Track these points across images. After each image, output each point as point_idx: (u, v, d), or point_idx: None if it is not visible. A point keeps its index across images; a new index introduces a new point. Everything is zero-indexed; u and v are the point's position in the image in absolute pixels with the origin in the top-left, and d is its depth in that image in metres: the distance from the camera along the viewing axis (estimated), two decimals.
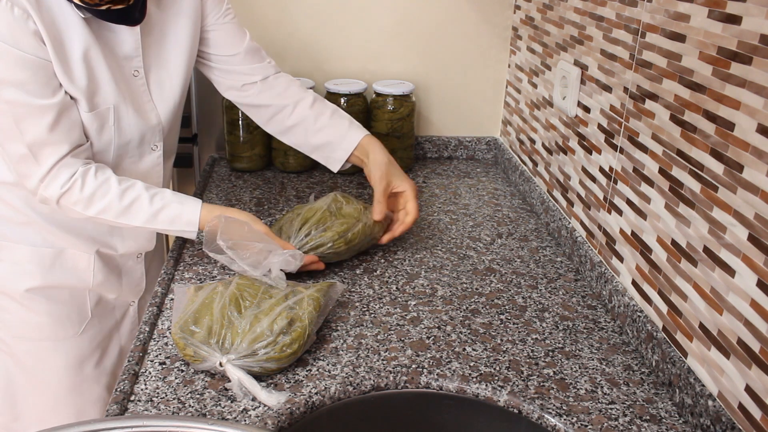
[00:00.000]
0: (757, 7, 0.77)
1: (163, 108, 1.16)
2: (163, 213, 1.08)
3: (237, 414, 0.86)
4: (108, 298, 1.27)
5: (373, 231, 1.23)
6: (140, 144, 1.15)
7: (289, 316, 0.94)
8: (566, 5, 1.35)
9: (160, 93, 1.15)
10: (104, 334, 1.28)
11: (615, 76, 1.13)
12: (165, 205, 1.08)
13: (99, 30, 1.04)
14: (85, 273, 1.21)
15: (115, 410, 0.85)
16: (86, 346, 1.25)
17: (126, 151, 1.13)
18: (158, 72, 1.14)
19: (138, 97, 1.12)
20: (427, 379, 0.95)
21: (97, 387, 1.28)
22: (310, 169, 1.72)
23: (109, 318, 1.29)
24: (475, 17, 1.70)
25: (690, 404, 0.87)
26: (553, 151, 1.43)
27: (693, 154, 0.90)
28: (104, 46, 1.05)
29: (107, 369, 1.30)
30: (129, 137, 1.12)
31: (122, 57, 1.08)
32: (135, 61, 1.10)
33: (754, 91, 0.77)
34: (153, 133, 1.16)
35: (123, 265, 1.27)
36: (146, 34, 1.10)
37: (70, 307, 1.22)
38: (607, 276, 1.13)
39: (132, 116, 1.10)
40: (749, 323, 0.78)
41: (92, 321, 1.25)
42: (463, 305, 1.12)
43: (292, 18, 1.67)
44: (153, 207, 1.07)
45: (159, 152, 1.18)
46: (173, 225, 1.09)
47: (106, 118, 1.07)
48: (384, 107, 1.63)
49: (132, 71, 1.10)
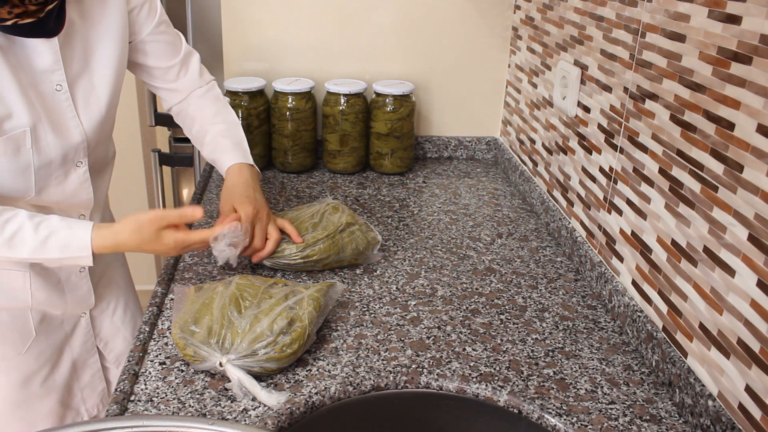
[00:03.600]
0: (757, 7, 0.77)
1: (90, 122, 1.07)
2: (52, 240, 0.99)
3: (237, 414, 0.86)
4: (53, 315, 1.19)
5: (345, 250, 1.20)
6: (63, 163, 1.06)
7: (289, 316, 0.94)
8: (566, 5, 1.35)
9: (86, 107, 1.07)
10: (52, 349, 1.20)
11: (615, 76, 1.13)
12: (52, 232, 0.99)
13: (9, 46, 0.96)
14: (21, 293, 1.12)
15: (115, 410, 0.85)
16: (32, 363, 1.18)
17: (49, 172, 1.05)
18: (84, 84, 1.06)
19: (60, 113, 1.03)
20: (427, 379, 0.95)
21: (47, 401, 1.21)
22: (310, 169, 1.72)
23: (58, 332, 1.21)
24: (475, 17, 1.70)
25: (690, 404, 0.87)
26: (553, 151, 1.43)
27: (693, 154, 0.90)
28: (15, 63, 0.96)
29: (57, 383, 1.22)
30: (50, 157, 1.03)
31: (40, 71, 1.00)
32: (56, 75, 1.01)
33: (754, 91, 0.77)
34: (77, 150, 1.07)
35: (65, 281, 1.17)
36: (68, 45, 1.02)
37: (11, 329, 1.14)
38: (607, 276, 1.13)
39: (51, 136, 1.02)
40: (749, 323, 0.78)
41: (38, 339, 1.17)
42: (463, 305, 1.12)
43: (293, 18, 1.67)
44: (39, 236, 0.98)
45: (84, 168, 1.09)
46: (65, 252, 1.00)
47: (21, 142, 0.98)
48: (384, 107, 1.63)
49: (54, 86, 1.02)
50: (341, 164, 1.68)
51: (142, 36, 1.16)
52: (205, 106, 1.28)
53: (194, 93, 1.28)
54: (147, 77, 1.24)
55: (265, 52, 1.70)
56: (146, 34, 1.16)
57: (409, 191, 1.60)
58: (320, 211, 1.24)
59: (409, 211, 1.48)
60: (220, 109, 1.28)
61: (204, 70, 1.30)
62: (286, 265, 1.17)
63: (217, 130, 1.24)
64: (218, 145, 1.23)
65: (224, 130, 1.25)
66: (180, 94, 1.28)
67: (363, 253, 1.23)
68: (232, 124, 1.27)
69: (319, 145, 1.75)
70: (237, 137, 1.25)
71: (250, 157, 1.23)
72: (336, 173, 1.70)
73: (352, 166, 1.69)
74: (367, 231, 1.25)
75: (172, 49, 1.22)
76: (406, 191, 1.60)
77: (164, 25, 1.20)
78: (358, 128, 1.65)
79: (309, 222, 1.21)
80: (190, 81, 1.27)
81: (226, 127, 1.25)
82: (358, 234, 1.22)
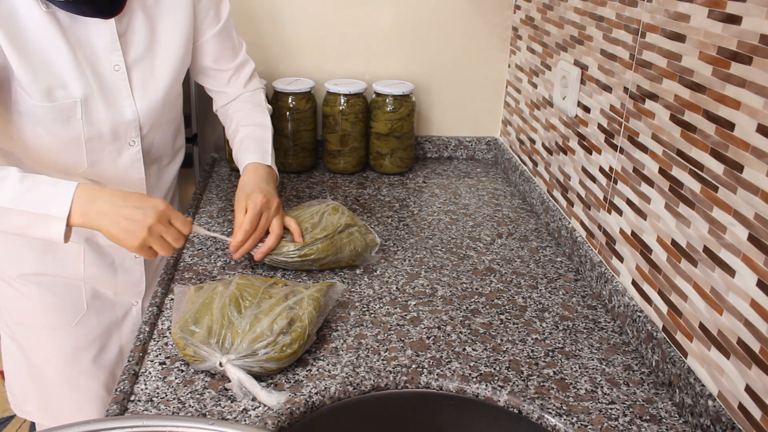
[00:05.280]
0: (757, 7, 0.77)
1: (144, 104, 1.13)
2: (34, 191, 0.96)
3: (237, 414, 0.86)
4: (106, 294, 1.27)
5: (343, 251, 1.20)
6: (115, 139, 1.12)
7: (289, 316, 0.94)
8: (566, 5, 1.35)
9: (143, 89, 1.13)
10: (102, 329, 1.28)
11: (615, 76, 1.13)
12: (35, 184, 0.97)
13: (70, 23, 1.02)
14: (75, 263, 1.21)
15: (115, 410, 0.85)
16: (82, 338, 1.25)
17: (101, 146, 1.11)
18: (143, 68, 1.12)
19: (115, 91, 1.10)
20: (427, 379, 0.95)
21: (94, 383, 1.28)
22: (310, 169, 1.72)
23: (108, 314, 1.28)
24: (475, 17, 1.70)
25: (690, 404, 0.87)
26: (553, 151, 1.43)
27: (693, 154, 0.90)
28: (74, 41, 1.03)
29: (105, 366, 1.29)
30: (101, 131, 1.09)
31: (98, 50, 1.06)
32: (114, 56, 1.08)
33: (754, 91, 0.77)
34: (128, 128, 1.13)
35: (119, 263, 1.26)
36: (131, 28, 1.09)
37: (64, 298, 1.22)
38: (607, 276, 1.13)
39: (103, 110, 1.08)
40: (749, 323, 0.78)
41: (88, 314, 1.25)
42: (463, 305, 1.12)
43: (293, 18, 1.67)
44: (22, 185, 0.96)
45: (137, 148, 1.15)
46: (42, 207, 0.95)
47: (72, 112, 1.05)
48: (384, 107, 1.63)
49: (113, 65, 1.08)
50: (341, 164, 1.68)
51: (205, 38, 1.23)
52: (244, 109, 1.33)
53: (240, 97, 1.35)
54: (202, 77, 1.33)
55: (266, 52, 1.70)
56: (210, 35, 1.24)
57: (409, 191, 1.60)
58: (320, 212, 1.24)
59: (409, 211, 1.48)
60: (256, 112, 1.33)
61: (255, 78, 1.38)
62: (284, 263, 1.17)
63: (246, 132, 1.28)
64: (243, 144, 1.26)
65: (252, 131, 1.28)
66: (228, 97, 1.35)
67: (361, 255, 1.22)
68: (262, 127, 1.30)
69: (319, 145, 1.75)
70: (262, 138, 1.27)
71: (269, 158, 1.25)
72: (336, 173, 1.70)
73: (352, 166, 1.69)
74: (366, 233, 1.25)
75: (230, 54, 1.30)
76: (406, 191, 1.60)
77: (227, 30, 1.27)
78: (358, 128, 1.65)
79: (309, 222, 1.21)
80: (239, 86, 1.34)
81: (255, 128, 1.29)
82: (356, 235, 1.22)
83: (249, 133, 1.28)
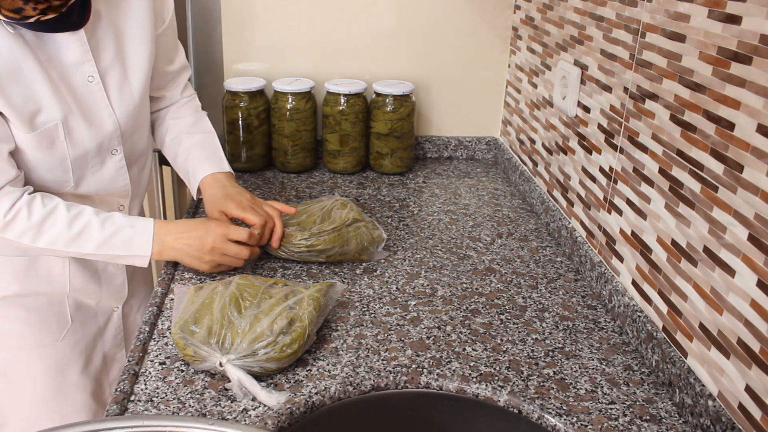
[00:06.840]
0: (757, 7, 0.76)
1: (122, 111, 1.11)
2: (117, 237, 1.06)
3: (237, 414, 0.86)
4: (88, 304, 1.23)
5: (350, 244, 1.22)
6: (98, 152, 1.10)
7: (289, 316, 0.94)
8: (566, 5, 1.35)
9: (119, 95, 1.10)
10: (87, 340, 1.24)
11: (615, 76, 1.13)
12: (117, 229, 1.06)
13: (38, 42, 0.98)
14: (60, 278, 1.17)
15: (115, 410, 0.85)
16: (68, 352, 1.21)
17: (85, 161, 1.09)
18: (116, 74, 1.09)
19: (93, 104, 1.07)
20: (427, 379, 0.95)
21: (81, 394, 1.24)
22: (310, 169, 1.72)
23: (92, 324, 1.25)
24: (474, 17, 1.70)
25: (690, 404, 0.87)
26: (553, 151, 1.43)
27: (693, 154, 0.90)
28: (44, 59, 0.99)
29: (91, 375, 1.25)
30: (85, 148, 1.07)
31: (70, 65, 1.02)
32: (87, 67, 1.04)
33: (754, 91, 0.77)
34: (111, 138, 1.11)
35: (102, 271, 1.23)
36: (97, 36, 1.05)
37: (49, 315, 1.18)
38: (607, 276, 1.13)
39: (84, 127, 1.06)
40: (749, 323, 0.78)
41: (73, 327, 1.21)
42: (463, 305, 1.12)
43: (293, 18, 1.67)
44: (105, 232, 1.05)
45: (120, 155, 1.13)
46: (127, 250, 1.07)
47: (55, 135, 1.02)
48: (384, 107, 1.63)
49: (86, 78, 1.05)
50: (341, 164, 1.68)
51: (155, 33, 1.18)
52: (183, 116, 1.30)
53: (178, 102, 1.31)
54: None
55: (265, 52, 1.70)
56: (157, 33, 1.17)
57: (409, 191, 1.60)
58: (328, 207, 1.27)
59: (409, 211, 1.48)
60: (197, 119, 1.30)
61: (189, 86, 1.33)
62: (292, 252, 1.20)
63: (192, 141, 1.26)
64: (192, 153, 1.25)
65: (200, 141, 1.26)
66: (164, 101, 1.30)
67: (367, 249, 1.24)
68: (209, 134, 1.29)
69: (319, 145, 1.75)
70: (212, 146, 1.27)
71: (225, 164, 1.25)
72: (336, 173, 1.70)
73: (352, 166, 1.69)
74: (373, 228, 1.27)
75: (172, 56, 1.25)
76: (406, 191, 1.60)
77: (171, 30, 1.22)
78: (358, 128, 1.65)
79: (317, 215, 1.24)
80: (177, 90, 1.30)
81: (202, 137, 1.27)
82: (363, 230, 1.24)
83: (197, 142, 1.26)
